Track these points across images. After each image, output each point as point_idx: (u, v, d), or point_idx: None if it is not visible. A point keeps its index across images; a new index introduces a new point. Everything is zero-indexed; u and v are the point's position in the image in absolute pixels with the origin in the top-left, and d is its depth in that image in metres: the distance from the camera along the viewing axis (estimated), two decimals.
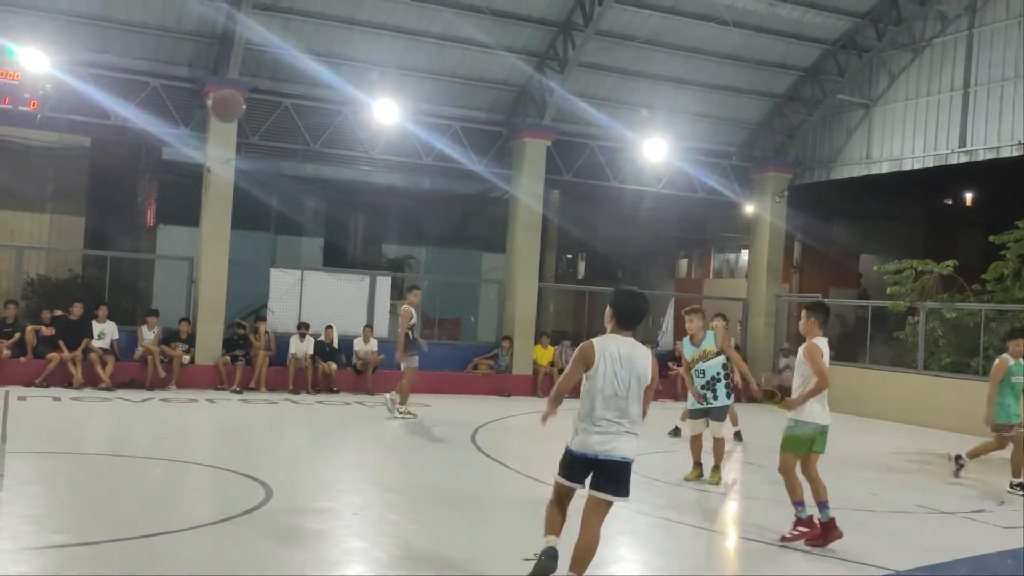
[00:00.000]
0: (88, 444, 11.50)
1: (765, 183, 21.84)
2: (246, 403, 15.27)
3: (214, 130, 17.07)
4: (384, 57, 18.09)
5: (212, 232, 17.28)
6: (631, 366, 5.76)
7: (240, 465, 9.63)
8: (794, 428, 7.64)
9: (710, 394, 10.46)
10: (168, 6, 16.51)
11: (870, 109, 20.18)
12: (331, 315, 18.09)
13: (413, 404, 15.88)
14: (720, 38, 19.02)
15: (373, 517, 8.09)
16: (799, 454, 7.67)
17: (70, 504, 7.85)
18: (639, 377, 5.78)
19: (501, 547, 7.29)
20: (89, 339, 15.87)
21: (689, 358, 10.59)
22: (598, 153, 20.60)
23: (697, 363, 10.48)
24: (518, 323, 19.47)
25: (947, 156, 18.58)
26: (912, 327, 19.08)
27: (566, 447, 5.95)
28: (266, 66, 17.64)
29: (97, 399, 14.55)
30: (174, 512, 7.82)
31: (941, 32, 18.75)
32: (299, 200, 24.41)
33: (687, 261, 39.25)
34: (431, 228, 26.53)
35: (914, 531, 8.62)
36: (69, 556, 6.30)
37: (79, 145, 23.72)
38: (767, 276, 22.03)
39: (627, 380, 5.74)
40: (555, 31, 18.44)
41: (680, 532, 8.13)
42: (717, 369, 10.46)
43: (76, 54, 16.34)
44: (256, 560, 6.45)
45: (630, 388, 5.76)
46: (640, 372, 5.78)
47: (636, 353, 5.82)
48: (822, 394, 7.58)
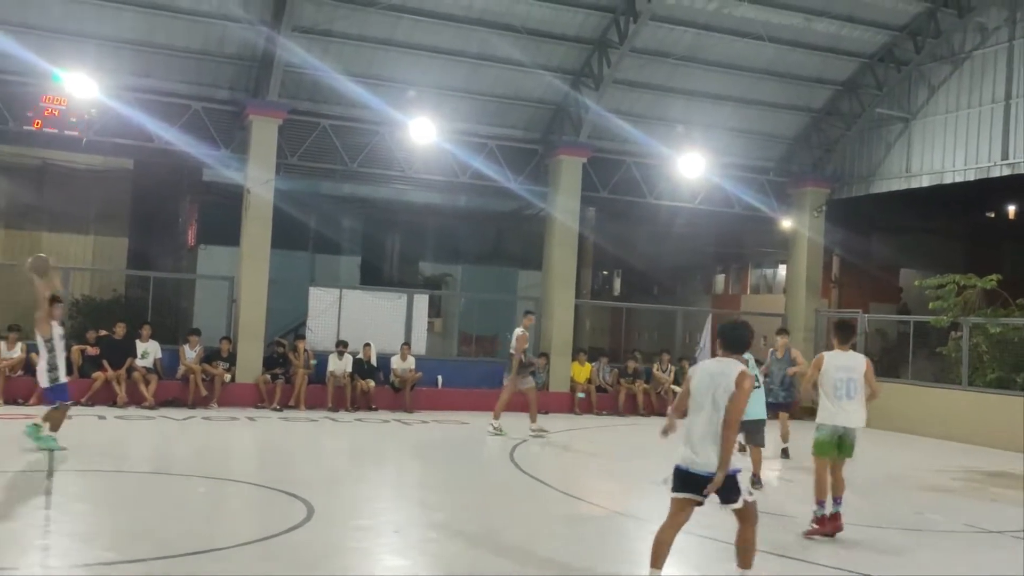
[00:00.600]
0: (133, 462, 11.66)
1: (803, 198, 21.68)
2: (286, 421, 15.40)
3: (254, 151, 17.34)
4: (421, 77, 18.26)
5: (252, 252, 17.51)
6: (716, 382, 6.15)
7: (281, 483, 9.71)
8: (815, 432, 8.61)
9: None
10: (210, 31, 16.83)
11: (909, 122, 19.99)
12: (369, 333, 18.20)
13: (451, 421, 15.95)
14: (756, 53, 18.96)
15: (414, 535, 8.13)
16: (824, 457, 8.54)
17: (117, 521, 7.97)
18: (725, 392, 6.09)
19: (542, 566, 7.28)
20: (133, 358, 16.12)
21: None
22: (634, 169, 20.60)
23: None
24: (555, 340, 19.45)
25: (989, 169, 18.32)
26: (955, 342, 18.78)
27: None
28: (305, 88, 17.89)
29: (141, 417, 14.75)
30: (218, 530, 7.91)
31: (981, 44, 18.54)
32: (337, 219, 24.67)
33: (724, 277, 39.02)
34: (467, 246, 26.66)
35: (962, 551, 8.48)
36: (117, 573, 6.39)
37: (122, 168, 24.22)
38: (806, 291, 21.83)
39: (712, 394, 6.12)
40: (590, 49, 18.50)
41: (722, 550, 8.05)
42: None
43: (120, 79, 16.68)
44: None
45: (715, 402, 6.11)
46: (724, 385, 6.11)
47: (723, 370, 6.20)
48: (832, 397, 8.44)
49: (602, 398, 19.24)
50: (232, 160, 18.13)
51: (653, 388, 19.51)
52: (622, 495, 10.57)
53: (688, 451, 6.21)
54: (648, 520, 9.10)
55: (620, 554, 7.72)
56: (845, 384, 8.47)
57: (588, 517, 9.28)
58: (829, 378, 8.53)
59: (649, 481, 11.26)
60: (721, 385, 6.10)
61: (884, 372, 16.78)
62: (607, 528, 8.66)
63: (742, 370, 6.16)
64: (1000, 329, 17.87)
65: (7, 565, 6.43)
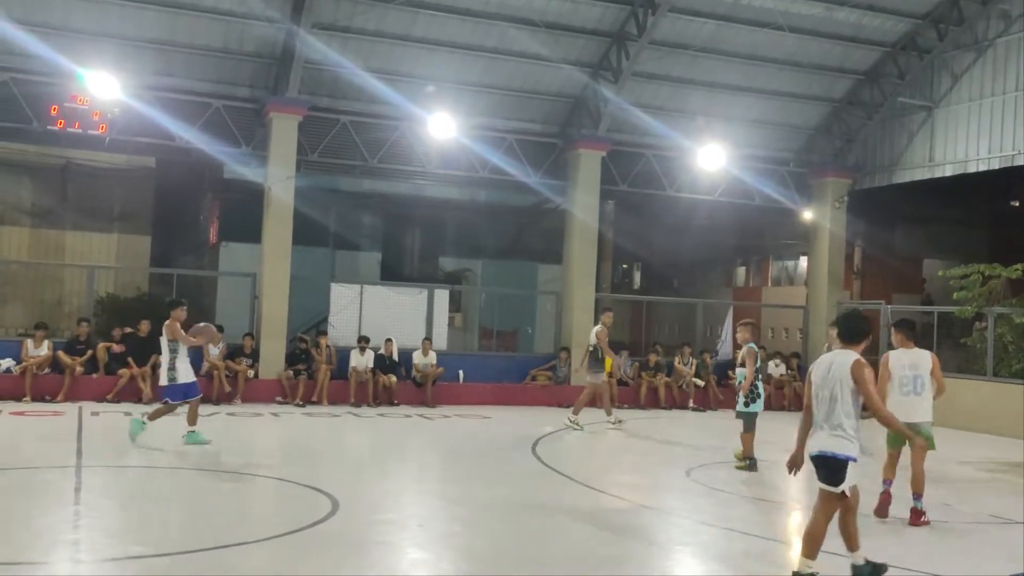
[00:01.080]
0: (158, 458, 11.76)
1: (824, 189, 21.54)
2: (309, 416, 15.49)
3: (275, 149, 17.43)
4: (439, 72, 18.28)
5: (273, 248, 17.61)
6: (833, 374, 6.37)
7: (306, 478, 9.78)
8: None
9: (737, 398, 11.93)
10: (230, 29, 16.92)
11: (932, 111, 19.81)
12: (390, 328, 18.27)
13: (473, 416, 15.99)
14: (776, 44, 18.85)
15: (438, 529, 8.16)
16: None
17: (145, 516, 8.06)
18: (840, 382, 6.31)
19: (566, 558, 7.30)
20: (157, 355, 16.21)
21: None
22: (654, 162, 20.54)
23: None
24: (576, 334, 19.43)
25: (1013, 157, 18.15)
26: (980, 333, 18.60)
27: None
28: (324, 84, 17.95)
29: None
30: (244, 524, 7.98)
31: (1005, 31, 18.35)
32: (357, 215, 24.76)
33: (745, 269, 38.81)
34: (487, 240, 26.68)
35: (991, 542, 8.42)
36: (146, 567, 6.47)
37: (144, 166, 24.42)
38: (828, 283, 21.70)
39: (830, 386, 6.35)
40: (609, 41, 18.46)
41: (746, 543, 8.04)
42: (741, 378, 11.79)
43: (142, 78, 16.81)
44: (325, 570, 6.55)
45: (832, 393, 6.34)
46: (840, 375, 6.32)
47: (839, 360, 6.41)
48: (899, 393, 8.90)
49: (623, 392, 19.22)
50: (253, 157, 18.25)
51: (675, 381, 19.47)
52: (645, 488, 10.57)
53: (817, 441, 6.45)
54: (671, 513, 9.13)
55: (644, 547, 7.72)
56: (912, 381, 8.89)
57: (611, 510, 9.28)
58: (896, 375, 8.92)
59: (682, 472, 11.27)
60: (838, 377, 6.33)
61: None
62: (631, 521, 8.66)
63: (856, 359, 6.36)
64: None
65: (37, 559, 6.52)
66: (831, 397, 6.33)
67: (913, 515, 8.71)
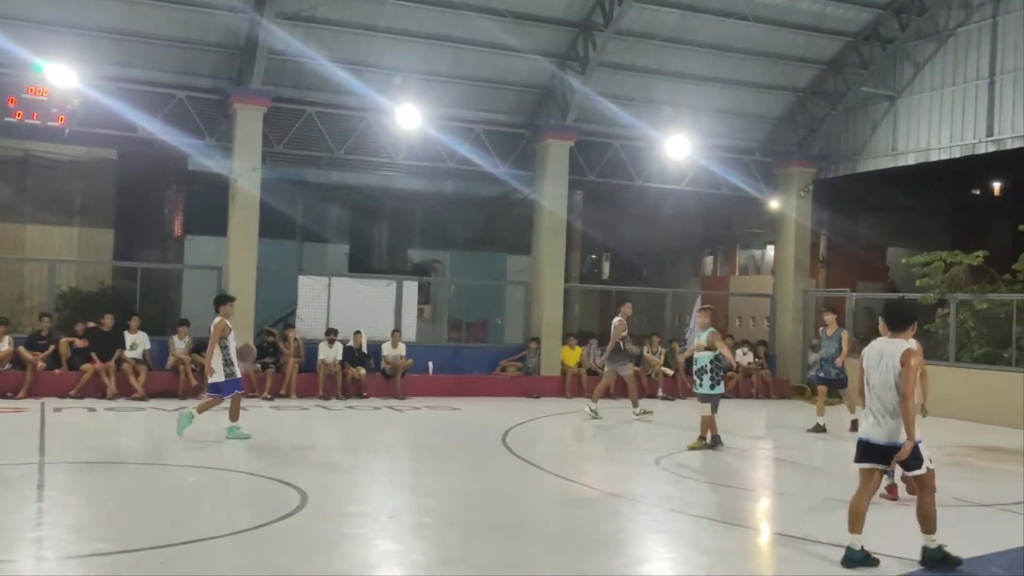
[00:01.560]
0: (124, 453, 11.64)
1: (789, 178, 21.71)
2: (277, 410, 15.37)
3: (239, 140, 17.25)
4: (406, 62, 18.17)
5: (239, 241, 17.43)
6: (884, 362, 6.62)
7: (274, 471, 9.71)
8: None
9: (698, 380, 12.25)
10: (191, 19, 16.69)
11: (895, 100, 20.02)
12: (359, 321, 18.18)
13: (443, 407, 15.97)
14: (741, 33, 18.93)
15: (408, 521, 8.13)
16: None
17: (109, 513, 7.95)
18: (891, 368, 6.57)
19: (537, 548, 7.30)
20: (121, 350, 16.05)
21: (693, 346, 12.52)
22: (621, 152, 20.58)
23: (694, 352, 12.42)
24: (545, 324, 19.48)
25: (974, 146, 18.40)
26: (943, 319, 18.87)
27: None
28: (289, 75, 17.78)
29: (131, 409, 14.71)
30: (212, 519, 7.90)
31: (965, 20, 18.57)
32: (324, 207, 24.58)
33: (712, 259, 39.10)
34: (456, 232, 26.61)
35: (951, 525, 8.52)
36: (111, 563, 6.38)
37: (106, 158, 24.06)
38: (794, 272, 21.91)
39: (884, 374, 6.60)
40: (575, 32, 18.44)
41: (716, 530, 8.10)
42: (704, 362, 12.14)
43: (102, 69, 16.55)
44: (295, 564, 6.50)
45: (886, 380, 6.60)
46: (892, 364, 6.57)
47: (889, 349, 6.66)
48: None
49: (592, 381, 19.24)
50: (217, 149, 18.04)
51: (643, 370, 19.54)
52: (615, 477, 10.61)
53: (867, 425, 6.71)
54: (641, 501, 9.17)
55: (614, 534, 7.75)
56: None
57: (582, 499, 9.31)
58: None
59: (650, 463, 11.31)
60: (889, 364, 6.59)
61: None
62: (601, 509, 8.69)
63: (907, 348, 6.60)
64: (987, 305, 17.97)
65: (2, 557, 6.40)
66: (884, 384, 6.60)
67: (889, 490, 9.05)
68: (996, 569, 6.88)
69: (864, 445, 6.73)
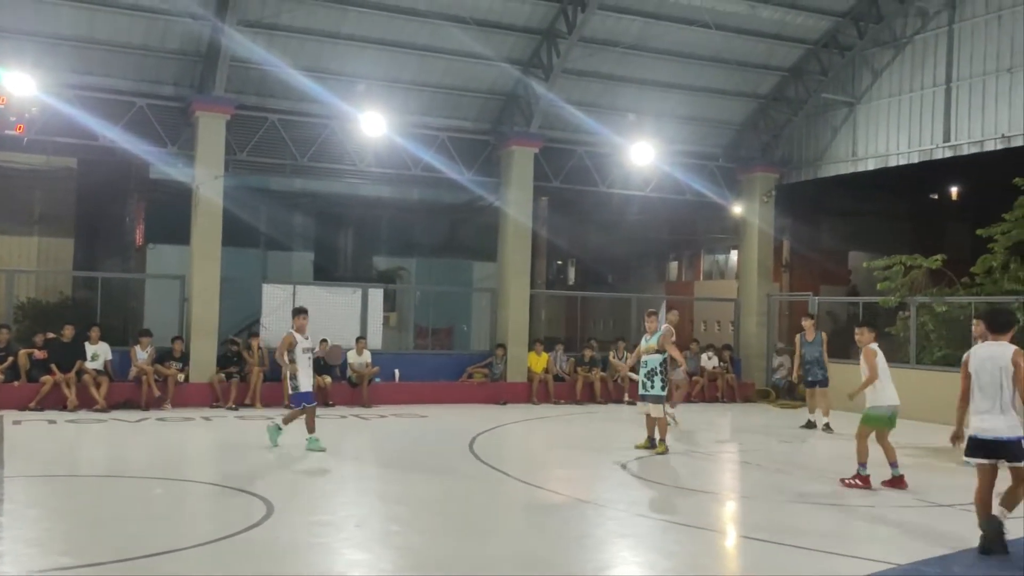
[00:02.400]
0: (86, 466, 11.47)
1: (752, 184, 21.94)
2: (242, 420, 15.24)
3: (201, 148, 17.10)
4: (370, 70, 18.13)
5: (203, 249, 17.27)
6: (994, 363, 7.25)
7: (240, 482, 9.63)
8: (871, 410, 10.34)
9: (648, 383, 12.31)
10: (152, 26, 16.53)
11: (854, 107, 20.32)
12: (324, 329, 18.05)
13: (410, 415, 15.93)
14: (703, 41, 19.13)
15: (375, 528, 8.10)
16: (876, 428, 10.17)
17: (71, 526, 7.83)
18: (1000, 369, 7.20)
19: (504, 554, 7.31)
20: (82, 361, 15.82)
21: (643, 349, 12.54)
22: (586, 158, 20.67)
23: (643, 355, 12.49)
24: (511, 331, 19.49)
25: (932, 151, 18.72)
26: (903, 322, 19.15)
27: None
28: (251, 82, 17.67)
29: (93, 421, 14.49)
30: (176, 531, 7.81)
31: (922, 28, 18.90)
32: (288, 215, 24.40)
33: (677, 264, 39.32)
34: (421, 239, 26.55)
35: (914, 524, 8.67)
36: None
37: (66, 167, 23.73)
38: (758, 276, 22.13)
39: (992, 374, 7.22)
40: (539, 39, 18.52)
41: (682, 533, 8.16)
42: (655, 364, 12.29)
43: (61, 76, 16.33)
44: (261, 574, 6.45)
45: (995, 380, 7.21)
46: (1001, 365, 7.20)
47: (996, 352, 7.31)
48: (889, 382, 10.44)
49: (559, 387, 19.33)
50: (179, 157, 17.89)
51: (610, 376, 19.63)
52: (581, 482, 10.64)
53: (978, 423, 7.31)
54: (607, 506, 9.20)
55: (581, 539, 7.77)
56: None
57: (549, 505, 9.33)
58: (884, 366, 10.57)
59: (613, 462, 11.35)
60: (999, 365, 7.20)
61: (835, 353, 17.06)
62: (568, 515, 8.71)
63: (1015, 349, 7.23)
64: (945, 308, 18.27)
65: None
66: (995, 384, 7.20)
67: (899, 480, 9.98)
68: (956, 568, 6.99)
69: (977, 442, 7.30)
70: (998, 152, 17.59)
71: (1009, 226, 18.22)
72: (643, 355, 12.50)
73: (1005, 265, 18.13)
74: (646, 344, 12.52)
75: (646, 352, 12.46)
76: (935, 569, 6.87)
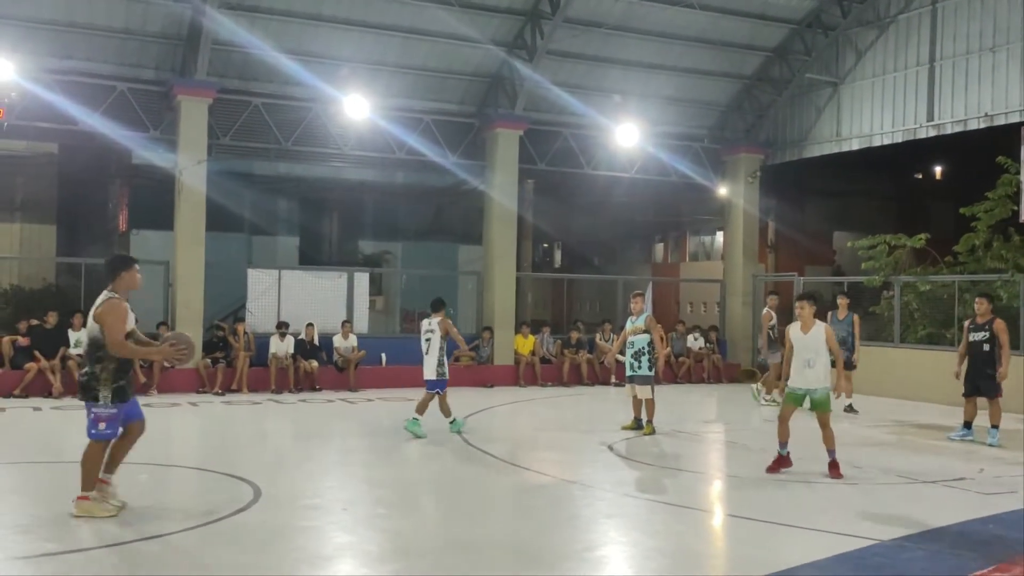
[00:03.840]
0: (71, 453, 11.34)
1: (737, 164, 21.97)
2: (229, 405, 15.21)
3: (184, 132, 16.98)
4: (353, 52, 18.02)
5: (187, 235, 17.18)
6: None
7: (227, 466, 9.62)
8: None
9: (635, 363, 12.38)
10: (132, 9, 16.37)
11: (838, 87, 20.34)
12: (310, 313, 18.05)
13: (397, 399, 15.93)
14: (687, 21, 19.09)
15: (363, 512, 8.11)
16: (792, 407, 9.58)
17: (58, 512, 7.79)
18: None
19: (491, 536, 7.34)
20: (66, 347, 15.75)
21: (629, 331, 12.52)
22: (571, 140, 20.64)
23: (629, 336, 12.49)
24: (497, 313, 19.50)
25: (915, 131, 18.78)
26: (888, 301, 19.27)
27: None
28: (234, 66, 17.54)
29: (78, 408, 14.29)
30: (163, 515, 7.79)
31: (905, 8, 18.91)
32: (273, 200, 24.35)
33: (663, 245, 39.41)
34: (406, 222, 26.53)
35: (897, 501, 8.75)
36: (62, 563, 6.28)
37: (47, 152, 23.55)
38: (743, 257, 22.19)
39: None
40: (523, 20, 18.44)
41: (669, 513, 8.21)
42: (643, 344, 12.30)
43: (40, 61, 16.17)
44: (248, 558, 6.46)
45: None
46: None
47: None
48: (800, 363, 9.48)
49: (546, 369, 19.37)
50: (162, 142, 17.75)
51: (596, 358, 19.69)
52: (568, 463, 10.68)
53: None
54: (594, 486, 9.24)
55: (568, 520, 7.81)
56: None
57: (536, 486, 9.36)
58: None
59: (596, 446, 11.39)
60: None
61: None
62: (555, 496, 8.75)
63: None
64: (929, 287, 18.38)
65: None
66: None
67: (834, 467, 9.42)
68: (939, 544, 7.06)
69: None
70: (981, 131, 17.67)
71: (992, 204, 18.33)
72: (629, 336, 12.52)
73: (988, 243, 18.25)
74: (632, 325, 12.53)
75: (632, 333, 12.47)
76: (918, 544, 6.93)
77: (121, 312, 7.28)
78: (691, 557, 6.84)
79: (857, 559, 6.51)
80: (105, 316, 7.18)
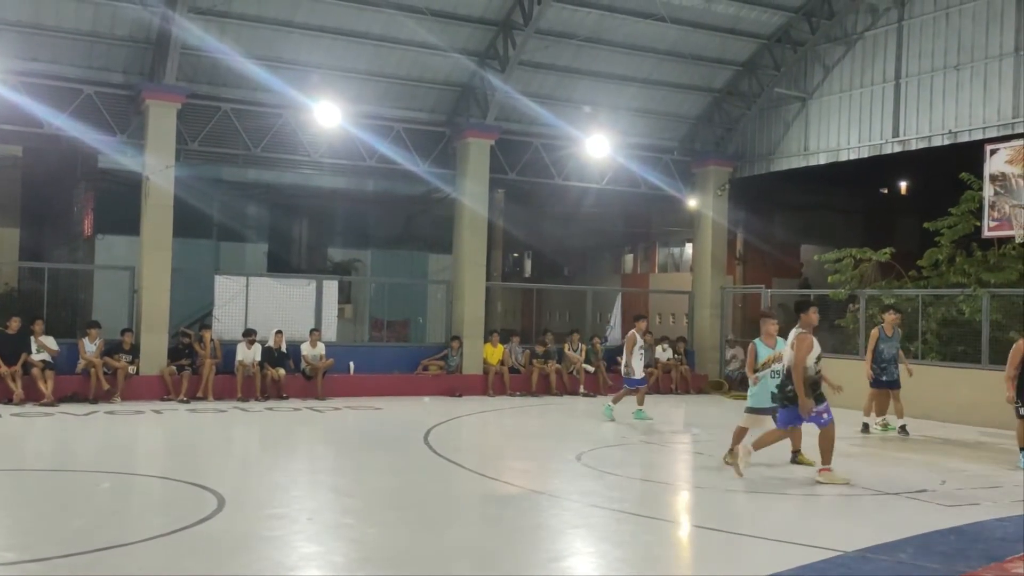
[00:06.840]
0: (32, 460, 11.25)
1: (706, 177, 22.13)
2: (194, 413, 15.05)
3: (152, 137, 16.82)
4: (324, 59, 17.96)
5: (153, 240, 16.99)
6: None
7: (190, 475, 9.50)
8: None
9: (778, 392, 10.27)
10: (100, 12, 16.20)
11: (806, 102, 20.58)
12: (278, 321, 17.91)
13: (365, 407, 15.85)
14: (658, 34, 19.24)
15: (328, 521, 8.05)
16: None
17: (17, 521, 7.68)
18: None
19: (458, 546, 7.31)
20: (27, 354, 15.51)
21: (765, 360, 10.70)
22: (542, 151, 20.69)
23: (771, 364, 10.58)
24: (467, 323, 19.47)
25: (881, 146, 19.03)
26: (853, 314, 19.47)
27: None
28: (203, 71, 17.41)
29: (39, 414, 14.22)
30: (125, 525, 7.70)
31: (872, 25, 19.19)
32: (241, 206, 24.16)
33: (632, 256, 39.59)
34: (376, 230, 26.45)
35: (859, 512, 8.83)
36: (20, 573, 6.16)
37: (10, 155, 23.27)
38: (711, 269, 22.33)
39: None
40: (495, 30, 18.48)
41: (635, 524, 8.22)
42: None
43: (6, 62, 15.93)
44: (211, 569, 6.38)
45: None
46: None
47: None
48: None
49: (515, 379, 19.36)
50: (129, 146, 17.55)
51: (565, 368, 19.71)
52: (536, 474, 10.67)
53: None
54: (561, 497, 9.24)
55: (535, 530, 7.80)
56: None
57: (503, 496, 9.35)
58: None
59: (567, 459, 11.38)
60: None
61: None
62: (522, 506, 8.74)
63: None
64: (894, 300, 18.58)
65: None
66: None
67: None
68: (902, 555, 7.13)
69: None
70: (945, 147, 17.92)
71: (955, 220, 18.61)
72: (773, 363, 10.65)
73: (951, 258, 18.50)
74: (776, 351, 10.69)
75: (776, 360, 10.58)
76: (881, 555, 7.00)
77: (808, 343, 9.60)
78: (657, 568, 6.85)
79: (821, 570, 6.56)
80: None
